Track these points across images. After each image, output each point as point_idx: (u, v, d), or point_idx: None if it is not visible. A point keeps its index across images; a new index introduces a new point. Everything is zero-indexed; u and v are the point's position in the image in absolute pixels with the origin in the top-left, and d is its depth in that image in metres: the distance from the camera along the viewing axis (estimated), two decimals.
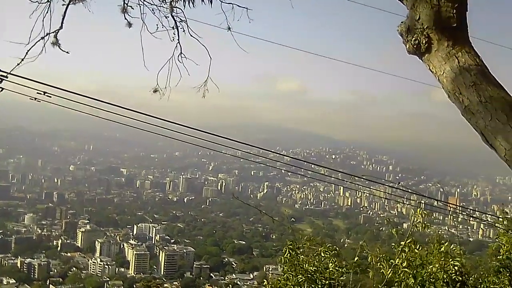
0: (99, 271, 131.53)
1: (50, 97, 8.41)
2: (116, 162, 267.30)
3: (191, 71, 7.47)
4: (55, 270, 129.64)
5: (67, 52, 6.63)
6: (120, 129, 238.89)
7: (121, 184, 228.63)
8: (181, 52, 6.99)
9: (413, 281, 7.36)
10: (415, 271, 7.36)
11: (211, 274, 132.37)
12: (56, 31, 6.41)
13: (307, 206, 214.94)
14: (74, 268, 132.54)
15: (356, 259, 8.17)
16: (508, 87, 3.89)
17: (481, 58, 3.99)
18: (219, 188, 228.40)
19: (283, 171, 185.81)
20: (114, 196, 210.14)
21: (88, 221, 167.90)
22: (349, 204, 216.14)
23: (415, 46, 4.06)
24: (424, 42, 4.01)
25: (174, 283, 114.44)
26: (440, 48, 3.97)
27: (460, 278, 7.76)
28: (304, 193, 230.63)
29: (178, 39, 6.88)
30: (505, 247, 8.27)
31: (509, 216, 8.99)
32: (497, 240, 8.79)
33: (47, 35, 6.29)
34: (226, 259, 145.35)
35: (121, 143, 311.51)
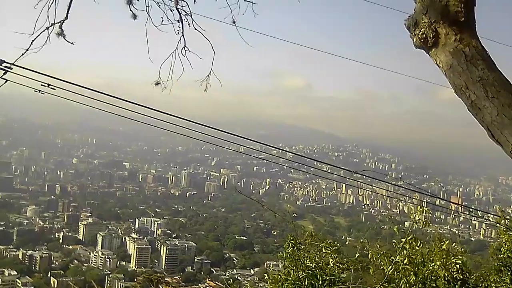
0: (100, 264, 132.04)
1: (54, 89, 8.40)
2: (119, 156, 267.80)
3: (195, 66, 7.43)
4: (57, 263, 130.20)
5: (72, 43, 6.57)
6: (124, 123, 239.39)
7: (124, 177, 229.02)
8: (185, 46, 6.94)
9: (414, 278, 7.33)
10: (416, 268, 7.33)
11: (212, 269, 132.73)
12: (61, 22, 6.36)
13: (309, 203, 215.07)
14: (75, 261, 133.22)
15: (357, 255, 8.15)
16: None
17: (488, 53, 3.95)
18: (221, 183, 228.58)
19: (285, 167, 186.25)
20: (116, 189, 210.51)
21: (90, 214, 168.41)
22: (351, 201, 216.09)
23: (422, 40, 4.02)
24: (431, 36, 3.97)
25: (175, 277, 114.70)
26: (447, 42, 3.93)
27: (461, 277, 7.74)
28: (306, 190, 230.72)
29: (183, 33, 6.84)
30: (506, 246, 8.24)
31: (509, 216, 8.97)
32: (498, 239, 8.76)
33: (52, 25, 6.24)
34: (227, 255, 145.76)
35: (124, 137, 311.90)
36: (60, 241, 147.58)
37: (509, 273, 8.16)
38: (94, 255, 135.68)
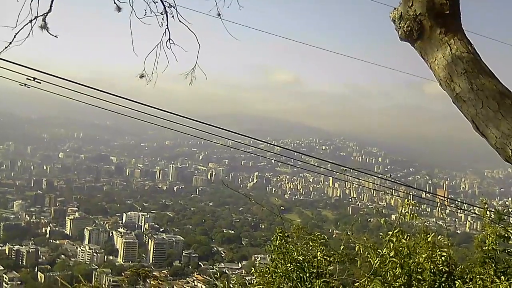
0: (87, 258, 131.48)
1: (40, 83, 8.33)
2: (106, 150, 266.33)
3: (183, 59, 7.40)
4: (44, 258, 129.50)
5: (55, 36, 6.50)
6: (111, 117, 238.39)
7: (111, 172, 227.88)
8: (169, 38, 6.91)
9: (400, 271, 7.37)
10: (402, 260, 7.37)
11: (200, 263, 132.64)
12: (45, 15, 6.30)
13: (296, 197, 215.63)
14: (62, 256, 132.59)
15: (342, 247, 8.19)
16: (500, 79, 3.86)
17: (473, 45, 3.96)
18: (209, 177, 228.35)
19: (273, 161, 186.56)
20: (103, 184, 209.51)
21: (77, 209, 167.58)
22: (338, 195, 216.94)
23: (407, 32, 4.03)
24: (416, 28, 3.98)
25: (163, 271, 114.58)
26: (432, 35, 3.94)
27: (447, 269, 7.79)
28: (293, 184, 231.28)
29: (167, 25, 6.80)
30: (491, 238, 8.30)
31: (493, 209, 9.03)
32: (483, 231, 8.83)
33: (35, 18, 6.17)
34: (215, 248, 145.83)
35: (111, 131, 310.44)
36: (47, 236, 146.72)
37: (493, 265, 8.22)
38: (81, 250, 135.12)
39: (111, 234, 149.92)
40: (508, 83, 3.81)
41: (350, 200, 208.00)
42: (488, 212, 8.74)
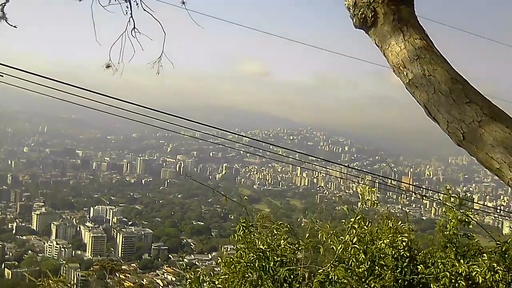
0: (55, 254, 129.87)
1: (2, 76, 8.15)
2: (72, 144, 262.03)
3: (149, 50, 7.34)
4: (11, 254, 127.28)
5: (14, 27, 6.39)
6: (76, 110, 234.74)
7: (77, 166, 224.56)
8: (134, 27, 6.82)
9: (363, 257, 7.47)
10: (365, 246, 7.48)
11: (170, 255, 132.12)
12: (3, 5, 6.17)
13: (265, 187, 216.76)
14: (29, 251, 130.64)
15: (307, 236, 8.27)
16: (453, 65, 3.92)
17: (426, 32, 4.01)
18: (177, 169, 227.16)
19: (241, 152, 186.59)
20: (69, 178, 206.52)
21: (43, 204, 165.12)
22: (306, 184, 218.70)
23: (361, 20, 4.05)
24: (370, 16, 4.00)
25: (132, 265, 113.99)
26: (386, 22, 3.97)
27: (409, 254, 7.93)
28: (262, 174, 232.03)
29: (131, 13, 6.71)
30: (452, 223, 8.48)
31: (456, 194, 9.22)
32: (444, 216, 9.02)
33: None
34: (185, 240, 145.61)
35: (77, 124, 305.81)
36: (14, 231, 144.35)
37: (454, 249, 8.41)
38: (49, 245, 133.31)
39: (78, 228, 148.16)
40: (460, 69, 3.87)
41: (318, 189, 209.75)
42: (451, 198, 8.94)
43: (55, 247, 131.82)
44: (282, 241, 8.08)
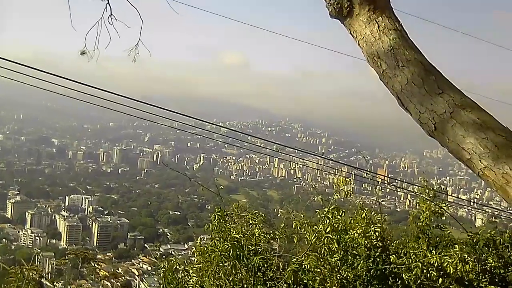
0: (30, 242, 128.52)
1: None
2: (47, 132, 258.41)
3: (126, 39, 7.26)
4: None
5: None
6: (52, 98, 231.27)
7: (53, 154, 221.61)
8: (111, 14, 6.72)
9: (336, 246, 7.54)
10: (338, 236, 7.54)
11: (146, 245, 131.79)
12: None
13: (243, 177, 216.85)
14: (4, 240, 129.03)
15: (282, 225, 8.32)
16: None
17: (401, 23, 4.04)
18: (154, 159, 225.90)
19: (219, 142, 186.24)
20: (45, 166, 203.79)
21: (18, 192, 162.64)
22: (283, 175, 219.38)
23: (337, 10, 4.06)
24: (346, 6, 4.02)
25: (108, 254, 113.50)
26: (361, 12, 3.99)
27: (381, 244, 8.02)
28: (240, 165, 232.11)
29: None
30: (425, 214, 8.61)
31: (430, 186, 9.35)
32: (418, 208, 9.15)
33: None
34: (161, 230, 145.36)
35: (53, 112, 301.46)
36: None
37: (426, 240, 8.55)
38: (23, 234, 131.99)
39: (53, 217, 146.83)
40: (434, 60, 3.91)
41: (295, 180, 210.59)
42: (426, 190, 9.08)
43: (30, 235, 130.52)
44: (257, 230, 8.11)
